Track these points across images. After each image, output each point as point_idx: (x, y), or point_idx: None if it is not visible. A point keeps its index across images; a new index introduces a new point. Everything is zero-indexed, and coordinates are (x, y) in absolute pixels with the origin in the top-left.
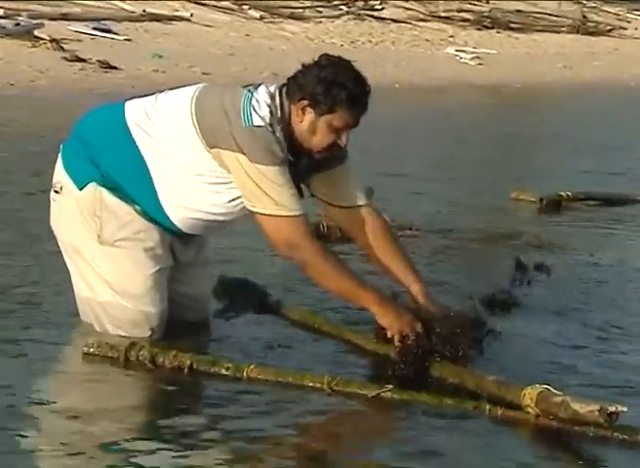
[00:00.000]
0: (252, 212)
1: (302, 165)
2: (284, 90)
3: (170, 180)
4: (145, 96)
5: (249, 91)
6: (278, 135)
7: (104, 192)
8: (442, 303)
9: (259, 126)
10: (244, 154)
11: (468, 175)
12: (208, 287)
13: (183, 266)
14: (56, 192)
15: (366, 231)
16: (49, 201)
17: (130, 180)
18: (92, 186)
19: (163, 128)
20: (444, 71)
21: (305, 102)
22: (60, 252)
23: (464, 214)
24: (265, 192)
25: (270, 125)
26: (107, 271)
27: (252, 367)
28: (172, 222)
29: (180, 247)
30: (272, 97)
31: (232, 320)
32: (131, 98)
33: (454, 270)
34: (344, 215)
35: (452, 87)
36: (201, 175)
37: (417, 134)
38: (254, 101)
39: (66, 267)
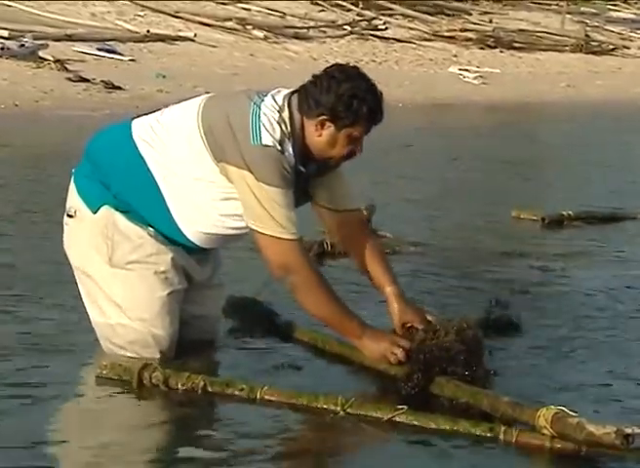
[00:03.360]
0: (251, 229)
1: (311, 170)
2: (293, 101)
3: (180, 196)
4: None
5: (256, 104)
6: (287, 152)
7: (117, 214)
8: (421, 307)
9: (267, 145)
10: (251, 172)
11: (470, 193)
12: (219, 308)
13: (198, 287)
14: (69, 216)
15: (350, 233)
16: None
17: (141, 199)
18: (105, 209)
19: (170, 143)
20: (447, 90)
21: (326, 118)
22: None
23: (465, 231)
24: (268, 211)
25: (280, 143)
26: (117, 294)
27: (265, 388)
28: (187, 238)
29: (194, 266)
30: (281, 109)
31: (242, 340)
32: (138, 116)
33: (453, 288)
34: (335, 218)
35: (455, 106)
36: (210, 189)
37: (419, 152)
38: (262, 117)
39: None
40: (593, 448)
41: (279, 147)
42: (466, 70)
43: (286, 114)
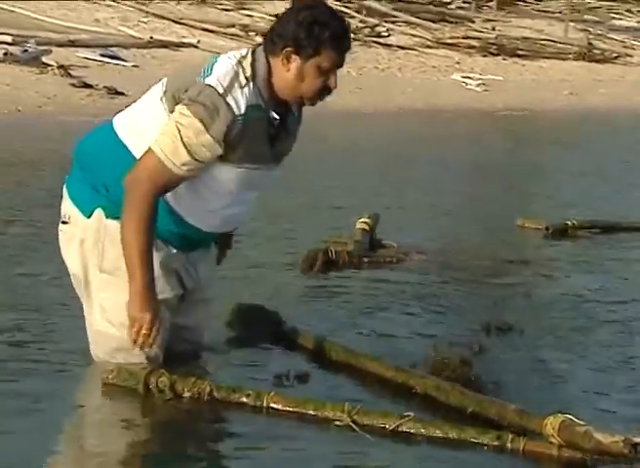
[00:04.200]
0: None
1: (291, 123)
2: (259, 49)
3: None
4: None
5: (215, 56)
6: (237, 99)
7: (109, 219)
8: None
9: (209, 85)
10: (183, 104)
11: (473, 202)
12: (206, 322)
13: (187, 298)
14: (64, 223)
15: None
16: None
17: None
18: (97, 212)
19: (144, 122)
20: (450, 97)
21: (290, 50)
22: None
23: (469, 240)
24: (180, 137)
25: (228, 88)
26: (105, 299)
27: (272, 394)
28: (185, 225)
29: (189, 269)
30: (242, 58)
31: (248, 347)
32: (120, 111)
33: (458, 297)
34: None
35: (458, 113)
36: None
37: (421, 160)
38: (217, 64)
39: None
40: (601, 457)
41: (222, 91)
42: (469, 77)
43: (247, 61)
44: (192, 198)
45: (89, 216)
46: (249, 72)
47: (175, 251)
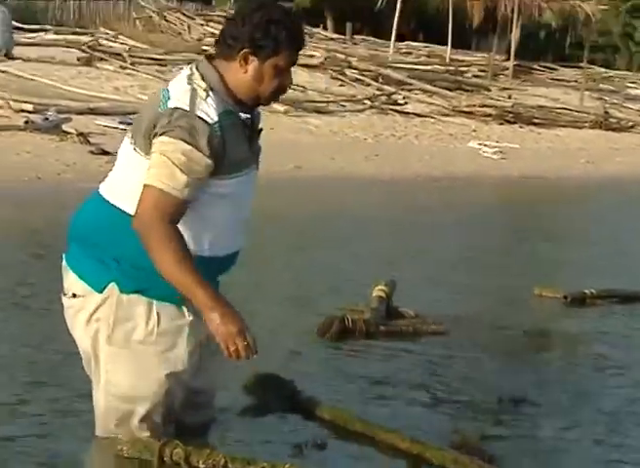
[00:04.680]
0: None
1: (256, 115)
2: (201, 62)
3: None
4: None
5: (163, 88)
6: (204, 111)
7: (123, 294)
8: None
9: (175, 107)
10: (160, 135)
11: (490, 270)
12: (220, 375)
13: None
14: (72, 297)
15: None
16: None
17: (138, 248)
18: (111, 287)
19: (125, 175)
20: (467, 165)
21: (247, 51)
22: None
23: (487, 309)
24: (166, 163)
25: (193, 104)
26: (110, 372)
27: (287, 466)
28: (200, 263)
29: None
30: (190, 75)
31: (263, 418)
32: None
33: (477, 368)
34: None
35: (475, 180)
36: None
37: (438, 227)
38: (171, 91)
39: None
40: None
41: (189, 109)
42: (486, 145)
43: (196, 76)
44: (200, 224)
45: (101, 291)
46: (204, 85)
47: (191, 317)
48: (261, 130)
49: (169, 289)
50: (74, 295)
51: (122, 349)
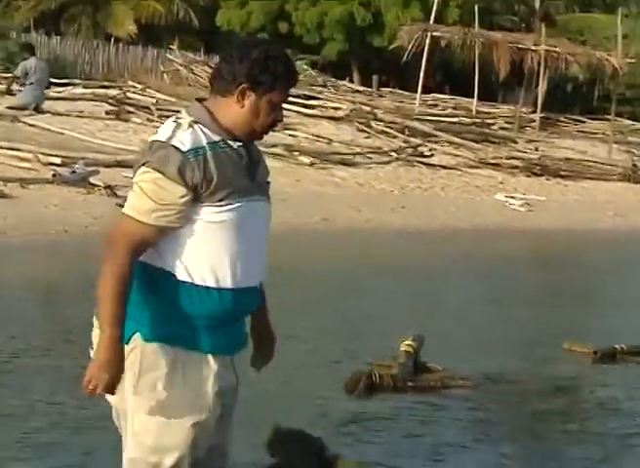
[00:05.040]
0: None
1: (253, 153)
2: (192, 104)
3: (189, 259)
4: None
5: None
6: (189, 136)
7: (146, 343)
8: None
9: (152, 141)
10: (140, 166)
11: (518, 323)
12: (229, 436)
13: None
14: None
15: None
16: None
17: (159, 297)
18: (136, 337)
19: None
20: (493, 217)
21: (245, 86)
22: None
23: (516, 363)
24: (142, 190)
25: (171, 135)
26: (137, 423)
27: None
28: (212, 296)
29: (227, 374)
30: (177, 116)
31: None
32: None
33: (505, 423)
34: None
35: (502, 232)
36: (188, 230)
37: (466, 279)
38: (159, 133)
39: None
40: None
41: (165, 139)
42: (513, 197)
43: (184, 113)
44: (196, 252)
45: (127, 342)
46: (189, 119)
47: (216, 366)
48: (263, 162)
49: (194, 337)
50: None
51: (147, 399)
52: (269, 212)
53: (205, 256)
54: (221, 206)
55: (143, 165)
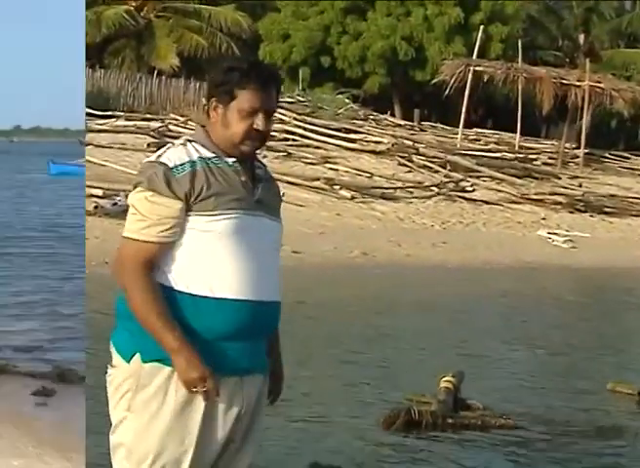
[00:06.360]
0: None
1: (257, 170)
2: (197, 130)
3: (191, 272)
4: None
5: None
6: (179, 153)
7: (144, 363)
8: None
9: (145, 162)
10: (135, 187)
11: (562, 363)
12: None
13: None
14: (111, 367)
15: None
16: None
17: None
18: (137, 357)
19: None
20: (536, 254)
21: (212, 99)
22: None
23: (558, 404)
24: (136, 210)
25: (161, 153)
26: (130, 441)
27: None
28: (222, 307)
29: (236, 392)
30: (172, 143)
31: None
32: None
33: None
34: None
35: (545, 269)
36: (190, 239)
37: (507, 317)
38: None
39: None
40: None
41: (155, 158)
42: (556, 234)
43: (179, 142)
44: (192, 261)
45: (129, 361)
46: (183, 139)
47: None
48: (272, 181)
49: None
50: (113, 366)
51: (141, 417)
52: (277, 230)
53: (200, 265)
54: (215, 215)
55: (136, 186)
